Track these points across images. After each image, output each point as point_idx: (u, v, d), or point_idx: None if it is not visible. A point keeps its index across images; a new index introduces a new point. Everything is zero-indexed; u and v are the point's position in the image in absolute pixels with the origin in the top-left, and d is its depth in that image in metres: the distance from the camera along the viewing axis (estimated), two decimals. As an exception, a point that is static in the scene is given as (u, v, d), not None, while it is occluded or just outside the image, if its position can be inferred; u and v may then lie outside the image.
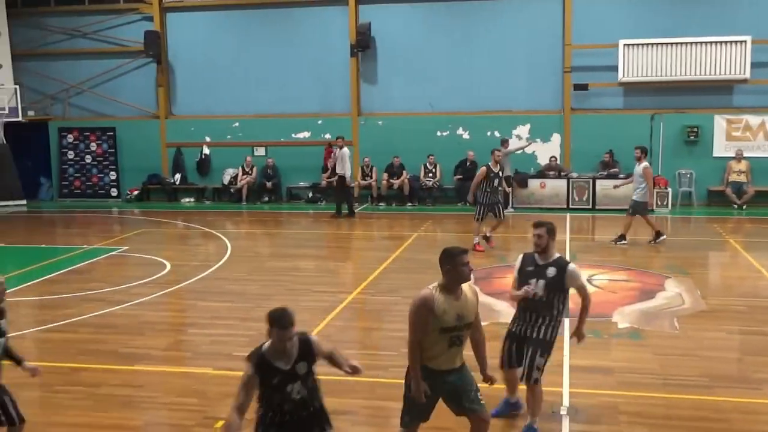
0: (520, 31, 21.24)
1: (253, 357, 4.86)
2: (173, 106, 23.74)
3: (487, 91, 21.54)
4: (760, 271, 12.78)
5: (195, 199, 23.25)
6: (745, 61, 19.55)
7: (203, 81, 23.25)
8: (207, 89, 23.24)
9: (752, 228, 17.61)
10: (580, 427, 6.73)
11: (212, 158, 23.30)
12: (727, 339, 9.22)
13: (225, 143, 23.11)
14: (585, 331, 6.69)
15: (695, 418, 6.83)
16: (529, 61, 21.28)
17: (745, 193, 19.76)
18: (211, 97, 23.23)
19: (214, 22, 23.10)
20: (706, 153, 20.42)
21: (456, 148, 21.44)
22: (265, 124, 22.84)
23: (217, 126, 23.22)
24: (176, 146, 23.51)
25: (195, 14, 23.13)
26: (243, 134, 23.06)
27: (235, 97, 23.06)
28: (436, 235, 17.39)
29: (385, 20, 21.82)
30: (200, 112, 23.39)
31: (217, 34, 23.03)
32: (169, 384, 7.93)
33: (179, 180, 23.40)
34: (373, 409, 7.25)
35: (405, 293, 11.45)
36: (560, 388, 7.53)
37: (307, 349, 4.98)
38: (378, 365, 8.51)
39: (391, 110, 22.21)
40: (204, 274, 12.99)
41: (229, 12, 22.96)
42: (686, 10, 20.24)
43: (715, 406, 7.11)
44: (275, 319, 4.82)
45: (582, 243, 15.60)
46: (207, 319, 10.31)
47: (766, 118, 20.06)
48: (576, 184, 20.09)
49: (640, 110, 20.60)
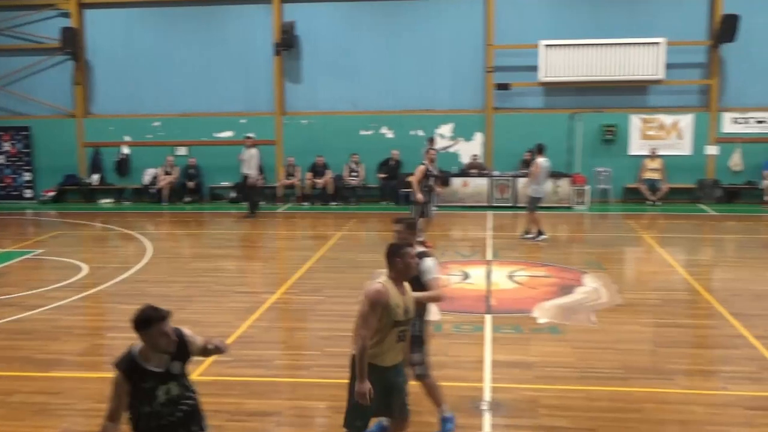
0: (444, 31, 21.44)
1: (122, 362, 4.59)
2: (91, 105, 23.14)
3: (411, 91, 21.69)
4: (673, 266, 13.21)
5: (114, 200, 22.72)
6: (659, 63, 20.17)
7: (123, 79, 22.73)
8: (127, 88, 22.73)
9: (666, 224, 18.19)
10: (502, 421, 6.85)
11: (132, 158, 22.81)
12: (641, 332, 9.49)
13: (145, 143, 22.65)
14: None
15: (612, 409, 7.02)
16: (452, 61, 21.51)
17: (659, 190, 20.41)
18: (131, 96, 22.73)
19: (134, 19, 22.59)
20: (622, 151, 21.02)
21: (380, 147, 21.52)
22: (187, 124, 22.49)
23: (138, 125, 22.75)
24: (94, 146, 22.92)
25: (114, 11, 22.57)
26: (164, 134, 22.65)
27: (157, 95, 22.63)
28: (360, 234, 17.42)
29: (309, 19, 21.74)
30: (120, 111, 22.87)
31: (138, 31, 22.54)
32: (87, 390, 7.74)
33: (97, 180, 22.84)
34: (298, 410, 7.22)
35: (329, 293, 11.47)
36: (481, 384, 7.64)
37: (182, 347, 4.72)
38: (302, 365, 8.51)
39: (315, 109, 22.14)
40: (123, 277, 12.72)
41: (150, 9, 22.51)
42: (604, 13, 20.77)
43: (630, 396, 7.32)
44: (140, 323, 4.53)
45: (503, 240, 15.85)
46: (126, 322, 9.95)
47: (680, 117, 20.76)
48: (498, 183, 20.39)
49: (559, 109, 21.05)
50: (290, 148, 21.98)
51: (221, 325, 9.62)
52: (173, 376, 4.66)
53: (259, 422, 6.92)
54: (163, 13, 22.44)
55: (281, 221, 19.21)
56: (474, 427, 6.70)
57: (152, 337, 4.53)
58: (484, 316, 10.08)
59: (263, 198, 20.74)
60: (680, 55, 20.44)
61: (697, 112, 20.71)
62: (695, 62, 20.71)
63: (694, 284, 11.74)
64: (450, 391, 7.30)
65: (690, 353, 8.87)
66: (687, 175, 20.75)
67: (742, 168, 20.54)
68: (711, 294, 11.12)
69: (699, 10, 20.44)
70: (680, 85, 20.80)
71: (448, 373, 7.78)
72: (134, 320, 4.55)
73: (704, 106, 20.81)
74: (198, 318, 9.35)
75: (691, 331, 9.76)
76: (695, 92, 20.99)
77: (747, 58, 20.28)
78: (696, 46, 20.56)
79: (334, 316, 10.22)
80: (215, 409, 7.07)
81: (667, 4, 20.54)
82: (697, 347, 9.26)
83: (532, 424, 6.75)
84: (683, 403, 7.16)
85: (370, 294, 5.28)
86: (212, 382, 7.68)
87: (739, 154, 20.46)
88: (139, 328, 4.55)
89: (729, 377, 7.86)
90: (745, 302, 10.69)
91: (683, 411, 6.98)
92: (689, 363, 8.44)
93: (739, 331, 9.27)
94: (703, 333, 9.77)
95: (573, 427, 6.66)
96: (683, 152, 20.75)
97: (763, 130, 20.47)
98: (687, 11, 20.49)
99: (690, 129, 20.71)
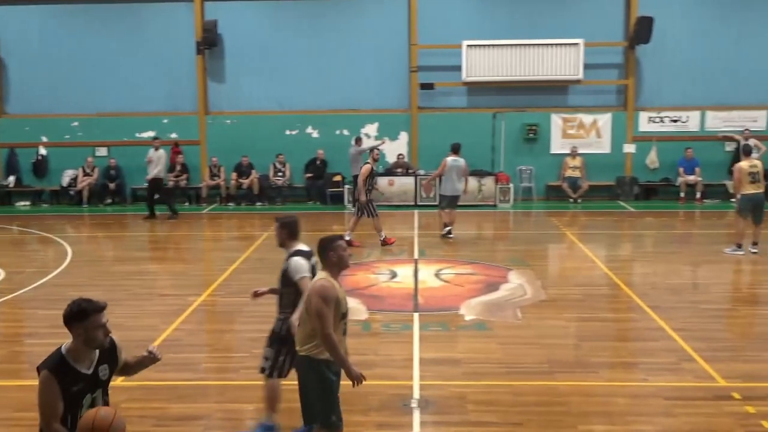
0: (368, 31, 21.49)
1: (50, 362, 4.36)
2: (6, 105, 22.36)
3: (336, 90, 21.67)
4: (594, 261, 13.56)
5: (31, 202, 22.02)
6: (578, 63, 20.65)
7: (39, 78, 22.02)
8: (43, 87, 22.03)
9: (587, 221, 18.65)
10: (431, 418, 6.91)
11: (50, 159, 22.14)
12: (565, 326, 9.70)
13: (64, 143, 22.02)
14: (294, 321, 6.10)
15: (538, 403, 7.16)
16: (377, 61, 21.58)
17: (580, 187, 20.90)
18: (48, 95, 22.04)
19: (51, 16, 21.91)
20: (544, 150, 21.45)
21: (305, 147, 21.43)
22: (107, 124, 21.95)
23: (55, 125, 22.10)
24: (9, 147, 22.18)
25: (29, 7, 21.84)
26: (83, 134, 22.05)
27: (75, 95, 22.00)
28: (287, 234, 17.29)
29: (231, 18, 21.49)
30: (36, 110, 22.15)
31: (55, 28, 21.87)
32: (5, 399, 7.48)
33: (13, 182, 22.09)
34: (226, 413, 7.14)
35: (256, 294, 11.36)
36: (411, 381, 7.69)
37: (112, 350, 4.58)
38: (230, 368, 8.42)
39: (239, 109, 21.91)
40: (42, 281, 12.34)
41: (66, 6, 21.85)
42: (525, 14, 21.13)
43: (556, 390, 7.48)
44: (75, 314, 4.37)
45: (430, 239, 15.99)
46: (46, 328, 9.77)
47: (598, 116, 21.30)
48: (423, 182, 20.53)
49: (483, 109, 21.32)
50: (214, 148, 21.68)
51: (146, 329, 9.43)
52: (100, 383, 4.51)
53: (186, 427, 6.82)
54: (81, 10, 21.82)
55: (206, 222, 18.96)
56: (404, 425, 6.75)
57: (88, 330, 4.37)
58: (412, 315, 10.15)
59: (175, 198, 20.24)
60: (598, 56, 20.98)
61: (615, 112, 21.30)
62: (612, 63, 21.31)
63: (615, 279, 12.07)
64: (380, 390, 7.35)
65: (612, 346, 9.11)
66: (606, 173, 21.32)
67: (658, 166, 21.21)
68: (631, 288, 11.44)
69: (615, 12, 21.03)
70: (598, 85, 21.35)
71: (377, 372, 7.81)
72: (68, 313, 4.38)
73: (621, 105, 21.42)
74: (122, 322, 9.13)
75: (612, 325, 10.03)
76: (613, 92, 21.59)
77: (661, 58, 20.96)
78: (613, 47, 21.15)
79: (262, 318, 10.07)
80: (141, 414, 6.95)
81: (585, 6, 21.08)
82: (619, 340, 9.52)
83: (461, 420, 6.82)
84: (606, 395, 7.35)
85: (321, 290, 5.28)
86: (137, 386, 7.53)
87: (655, 152, 21.12)
88: (74, 321, 4.37)
89: (649, 369, 8.11)
90: (662, 295, 11.04)
91: (607, 403, 7.17)
92: (611, 356, 8.67)
93: (658, 324, 9.57)
94: (624, 326, 10.06)
95: (501, 422, 6.77)
96: (602, 150, 21.31)
97: (678, 129, 21.18)
98: (604, 13, 21.06)
99: (608, 128, 21.28)
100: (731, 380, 7.62)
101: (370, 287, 11.72)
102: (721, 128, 21.04)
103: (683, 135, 21.07)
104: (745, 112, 21.05)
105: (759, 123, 21.00)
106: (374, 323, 9.76)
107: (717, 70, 20.97)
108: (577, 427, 6.65)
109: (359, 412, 6.91)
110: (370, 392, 7.34)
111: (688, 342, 8.80)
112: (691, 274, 12.67)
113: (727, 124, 21.08)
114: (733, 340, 9.08)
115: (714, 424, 6.67)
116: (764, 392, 7.36)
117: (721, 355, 8.36)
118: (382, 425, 6.73)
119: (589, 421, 6.78)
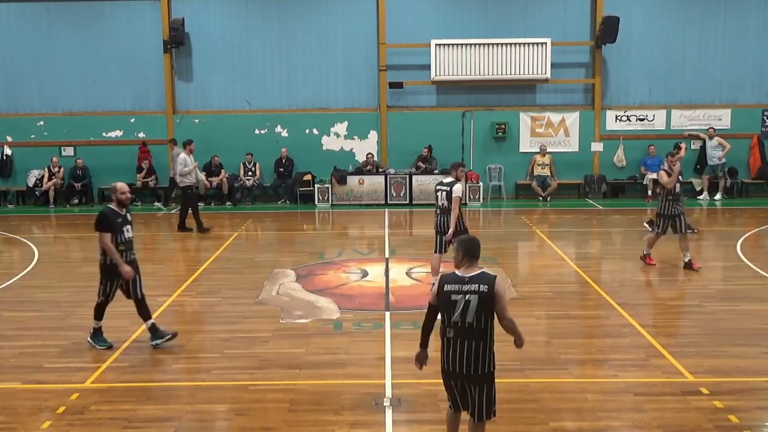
0: (337, 30, 21.45)
1: None
2: (-32, 104, 22.03)
3: (305, 89, 21.61)
4: (564, 259, 13.66)
5: (-4, 203, 21.73)
6: (546, 62, 20.80)
7: (3, 77, 21.69)
8: (7, 85, 21.69)
9: (556, 219, 18.79)
10: (404, 417, 6.92)
11: (15, 159, 21.83)
12: (536, 324, 9.76)
13: (29, 143, 21.71)
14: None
15: (510, 400, 7.18)
16: (345, 60, 21.55)
17: (549, 185, 21.06)
18: (12, 94, 21.71)
19: (15, 14, 21.54)
20: (513, 148, 21.57)
21: (275, 146, 21.35)
22: (74, 123, 21.68)
23: (20, 124, 21.77)
24: (-27, 146, 21.85)
25: (-9, 5, 21.56)
26: (49, 133, 21.76)
27: (40, 94, 21.71)
28: (256, 233, 17.25)
29: (199, 16, 21.33)
30: (0, 109, 21.80)
31: (20, 26, 21.51)
32: (-28, 402, 7.37)
33: (-23, 183, 21.77)
34: (198, 414, 7.08)
35: (226, 294, 11.31)
36: (383, 380, 7.70)
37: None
38: (200, 368, 8.35)
39: (208, 108, 21.76)
40: (8, 283, 12.17)
41: (30, 4, 21.54)
42: (494, 13, 21.24)
43: (527, 387, 7.53)
44: None
45: (400, 238, 16.00)
46: (13, 330, 9.64)
47: (566, 115, 21.46)
48: (393, 180, 20.55)
49: (452, 108, 21.40)
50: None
51: (116, 330, 9.32)
52: None
53: (157, 428, 6.75)
54: (46, 8, 21.50)
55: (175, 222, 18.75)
56: (377, 423, 6.75)
57: None
58: (384, 313, 10.15)
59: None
60: (565, 55, 21.16)
61: (582, 110, 21.49)
62: (579, 62, 21.50)
63: (584, 276, 12.17)
64: (353, 389, 7.35)
65: (582, 343, 9.19)
66: (575, 171, 21.52)
67: (625, 164, 21.42)
68: (600, 285, 11.54)
69: (582, 11, 21.21)
70: (566, 84, 21.51)
71: (350, 371, 7.81)
72: None
73: (589, 104, 21.61)
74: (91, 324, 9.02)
75: (582, 322, 10.11)
76: (580, 91, 21.76)
77: (627, 58, 21.21)
78: (580, 46, 21.34)
79: (233, 318, 10.09)
80: (111, 416, 6.88)
81: (552, 6, 21.22)
82: (589, 337, 9.60)
83: (434, 418, 6.84)
84: (577, 392, 7.41)
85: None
86: (107, 389, 7.46)
87: (622, 151, 21.34)
88: None
89: (619, 365, 8.19)
90: (631, 293, 11.17)
91: (577, 399, 7.23)
92: (582, 353, 8.75)
93: (627, 321, 9.67)
94: (593, 323, 10.14)
95: (473, 419, 6.77)
96: (571, 149, 21.50)
97: (644, 128, 21.43)
98: (571, 12, 21.23)
99: (576, 126, 21.47)
100: (699, 375, 7.72)
101: (342, 286, 11.71)
102: (687, 127, 21.34)
103: (649, 134, 21.33)
104: (710, 111, 21.36)
105: (723, 121, 21.32)
106: (346, 322, 9.74)
107: (682, 70, 21.28)
108: (548, 423, 6.71)
109: (331, 412, 6.90)
110: (343, 391, 7.35)
111: (656, 338, 8.91)
112: (659, 271, 12.82)
113: (693, 122, 21.38)
114: (700, 336, 9.20)
115: (683, 419, 6.76)
116: (732, 387, 7.46)
117: (689, 351, 8.48)
118: (354, 424, 6.72)
119: (560, 417, 6.84)
